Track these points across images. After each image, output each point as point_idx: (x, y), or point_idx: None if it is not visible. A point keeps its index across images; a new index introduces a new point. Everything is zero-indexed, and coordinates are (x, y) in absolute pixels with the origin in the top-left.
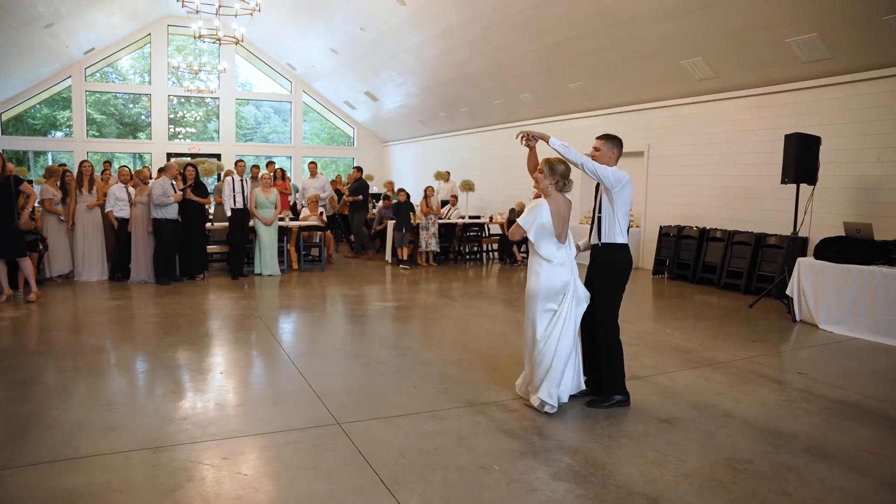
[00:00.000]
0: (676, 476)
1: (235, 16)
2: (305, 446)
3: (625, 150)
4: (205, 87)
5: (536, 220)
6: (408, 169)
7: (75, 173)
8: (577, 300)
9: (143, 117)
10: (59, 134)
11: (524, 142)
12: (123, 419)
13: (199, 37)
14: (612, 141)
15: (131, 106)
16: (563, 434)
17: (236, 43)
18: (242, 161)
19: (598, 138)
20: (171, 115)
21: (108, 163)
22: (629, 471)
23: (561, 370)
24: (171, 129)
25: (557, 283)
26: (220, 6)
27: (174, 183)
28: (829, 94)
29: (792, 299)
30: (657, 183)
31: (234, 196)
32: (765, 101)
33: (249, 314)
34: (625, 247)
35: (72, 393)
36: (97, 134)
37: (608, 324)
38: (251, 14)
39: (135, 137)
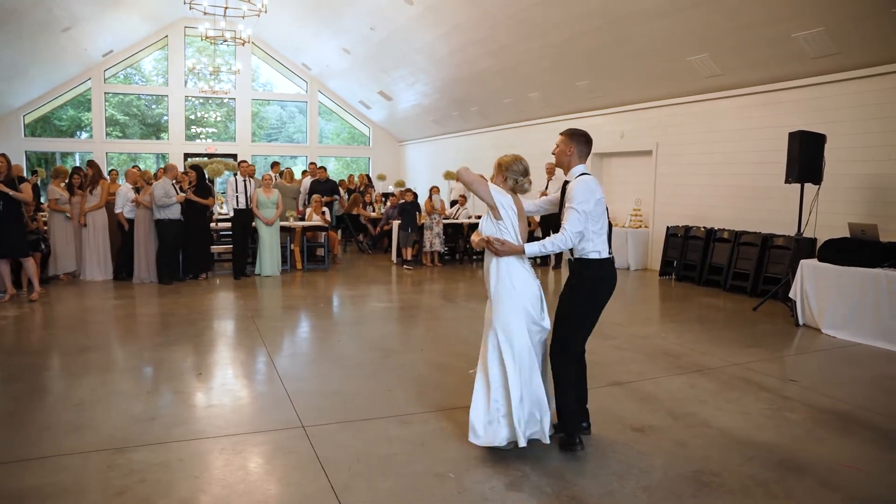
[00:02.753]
0: (637, 489)
1: (243, 17)
2: (265, 449)
3: (633, 149)
4: (223, 87)
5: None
6: (422, 168)
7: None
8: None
9: (165, 118)
10: (84, 135)
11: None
12: (91, 419)
13: (206, 38)
14: (574, 138)
15: (154, 107)
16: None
17: (243, 44)
18: (245, 161)
19: (560, 133)
20: (192, 116)
21: (114, 170)
22: (588, 482)
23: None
24: (193, 130)
25: None
26: (227, 7)
27: (177, 184)
28: (837, 90)
29: (795, 302)
30: (665, 182)
31: (237, 196)
32: (773, 98)
33: (243, 314)
34: (602, 262)
35: (48, 392)
36: (120, 135)
37: (559, 348)
38: (258, 15)
39: (158, 138)
